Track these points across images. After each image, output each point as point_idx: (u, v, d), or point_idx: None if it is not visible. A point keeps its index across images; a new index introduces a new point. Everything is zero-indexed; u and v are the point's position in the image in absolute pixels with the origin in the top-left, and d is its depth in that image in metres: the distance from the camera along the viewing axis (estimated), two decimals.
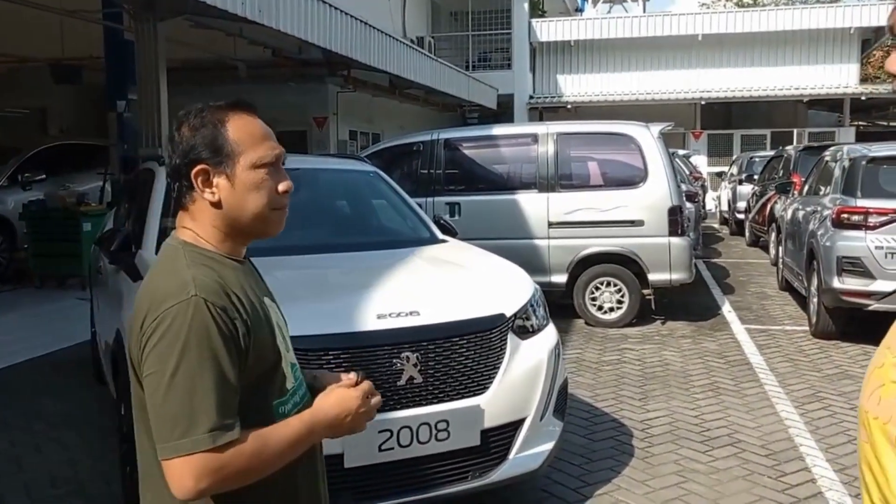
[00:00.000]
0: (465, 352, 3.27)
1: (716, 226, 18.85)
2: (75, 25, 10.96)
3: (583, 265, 7.80)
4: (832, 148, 8.68)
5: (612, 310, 7.83)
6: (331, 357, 3.05)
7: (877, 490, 1.19)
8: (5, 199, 10.64)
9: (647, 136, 7.71)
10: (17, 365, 6.41)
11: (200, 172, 1.48)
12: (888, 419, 1.16)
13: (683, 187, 9.06)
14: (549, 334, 3.71)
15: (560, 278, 7.82)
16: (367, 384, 1.60)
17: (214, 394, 1.36)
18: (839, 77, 22.20)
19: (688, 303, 8.81)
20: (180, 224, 1.55)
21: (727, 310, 8.64)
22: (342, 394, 1.55)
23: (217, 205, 1.50)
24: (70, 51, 12.45)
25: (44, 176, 11.05)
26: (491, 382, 3.31)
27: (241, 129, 1.51)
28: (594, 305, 7.86)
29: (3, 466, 4.33)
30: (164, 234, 4.17)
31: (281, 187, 1.55)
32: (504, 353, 3.38)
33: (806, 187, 9.06)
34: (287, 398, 1.54)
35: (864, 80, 24.07)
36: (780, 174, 12.46)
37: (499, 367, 3.35)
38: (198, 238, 1.51)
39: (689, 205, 8.94)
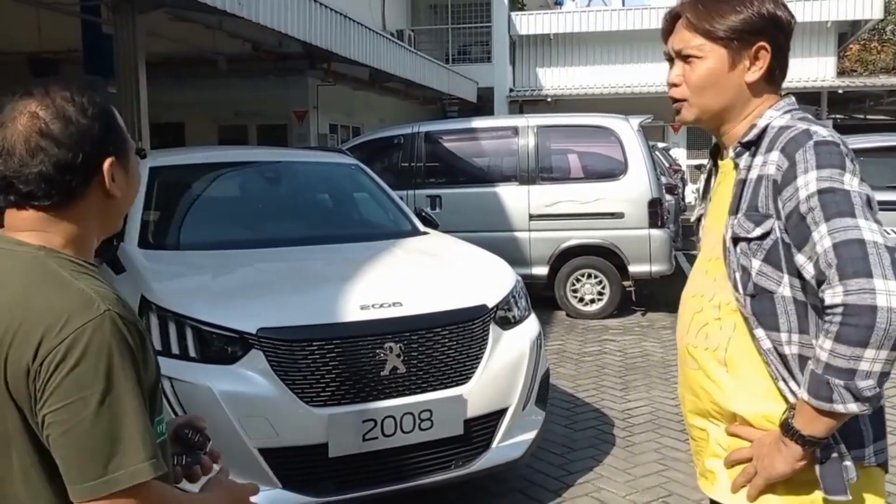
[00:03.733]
0: (447, 342, 3.30)
1: (692, 218, 18.99)
2: (53, 18, 10.84)
3: (564, 257, 7.86)
4: None
5: (592, 301, 7.90)
6: (315, 348, 3.07)
7: (710, 402, 1.63)
8: None
9: (627, 129, 7.76)
10: None
11: (112, 165, 1.29)
12: (717, 346, 1.61)
13: (663, 180, 9.14)
14: (531, 325, 3.74)
15: (541, 270, 7.87)
16: (254, 486, 1.48)
17: (142, 420, 1.19)
18: (816, 70, 22.44)
19: (667, 294, 8.89)
20: (23, 227, 1.27)
21: None
22: (240, 496, 1.43)
23: (113, 202, 1.32)
24: (48, 44, 12.32)
25: None
26: (474, 372, 3.35)
27: (119, 119, 1.36)
28: (575, 297, 7.92)
29: None
30: (146, 226, 4.16)
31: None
32: (486, 343, 3.42)
33: None
34: (163, 416, 1.37)
35: (841, 73, 24.37)
36: None
37: (481, 358, 3.38)
38: (53, 244, 1.27)
39: (668, 197, 9.02)
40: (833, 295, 1.37)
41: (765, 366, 1.54)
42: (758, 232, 1.52)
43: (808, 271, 1.44)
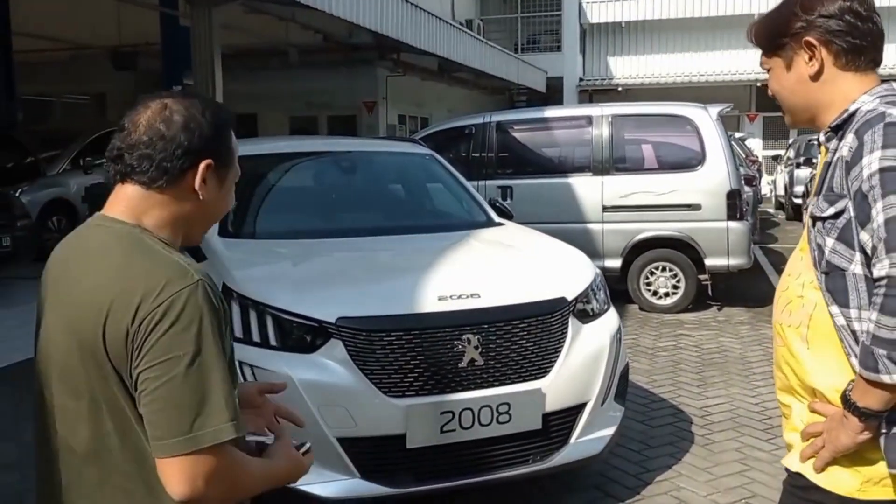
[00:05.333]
0: (526, 335, 3.24)
1: (771, 210, 18.43)
2: (132, 12, 11.15)
3: (637, 250, 7.69)
4: None
5: (667, 295, 7.72)
6: (393, 338, 3.05)
7: (794, 378, 1.68)
8: (68, 182, 10.90)
9: (706, 118, 7.54)
10: None
11: (208, 167, 1.41)
12: (799, 323, 1.66)
13: (742, 170, 8.86)
14: (611, 319, 3.66)
15: (614, 263, 7.72)
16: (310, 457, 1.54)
17: (228, 384, 1.28)
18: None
19: (744, 288, 8.64)
20: (121, 204, 1.40)
21: None
22: (297, 463, 1.49)
23: (199, 205, 1.43)
24: (127, 38, 12.69)
25: (104, 160, 11.28)
26: (552, 366, 3.28)
27: (234, 140, 1.49)
28: (649, 290, 7.75)
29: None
30: (226, 215, 4.21)
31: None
32: (565, 336, 3.35)
33: None
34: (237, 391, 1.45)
35: None
36: None
37: (560, 351, 3.32)
38: (146, 225, 1.39)
39: (746, 189, 8.74)
40: (880, 268, 1.46)
41: (840, 342, 1.59)
42: (830, 211, 1.57)
43: (870, 248, 1.50)
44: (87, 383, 1.31)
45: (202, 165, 1.39)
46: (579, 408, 3.37)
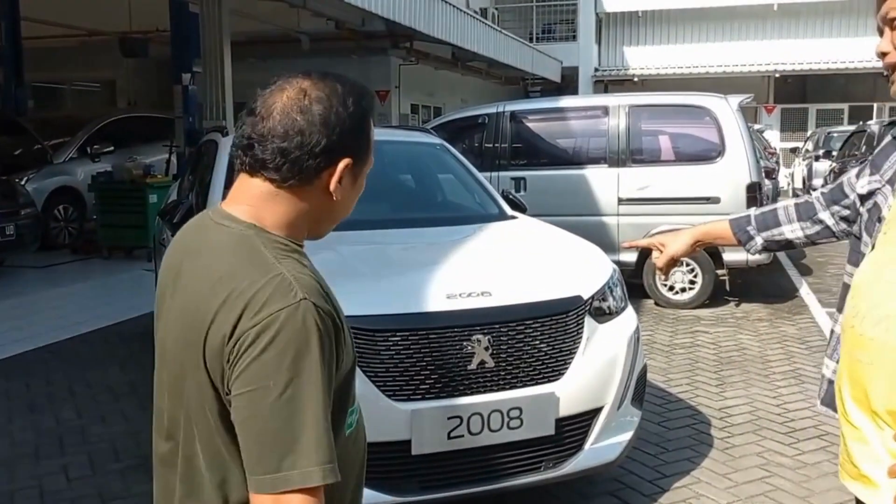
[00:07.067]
0: (539, 335, 3.07)
1: None
2: None
3: None
4: None
5: (683, 290, 7.52)
6: (398, 339, 2.89)
7: (881, 402, 1.46)
8: (75, 170, 10.80)
9: (726, 109, 7.33)
10: (84, 335, 6.47)
11: (347, 167, 1.26)
12: None
13: (762, 163, 8.63)
14: (629, 318, 3.48)
15: (630, 257, 7.52)
16: None
17: (323, 419, 1.14)
18: None
19: (763, 284, 8.43)
20: (243, 198, 1.28)
21: (805, 292, 8.24)
22: None
23: (330, 204, 1.29)
24: (137, 24, 12.56)
25: (112, 148, 11.18)
26: (567, 368, 3.11)
27: (373, 130, 1.34)
28: (665, 285, 7.56)
29: (69, 437, 4.33)
30: None
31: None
32: (581, 337, 3.17)
33: None
34: (356, 406, 1.37)
35: None
36: (863, 150, 11.85)
37: (575, 353, 3.14)
38: (264, 223, 1.27)
39: (766, 181, 8.52)
40: None
41: None
42: None
43: None
44: (189, 394, 1.23)
45: (341, 165, 1.26)
46: (595, 412, 3.20)
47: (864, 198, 1.73)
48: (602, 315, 3.34)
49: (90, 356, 5.91)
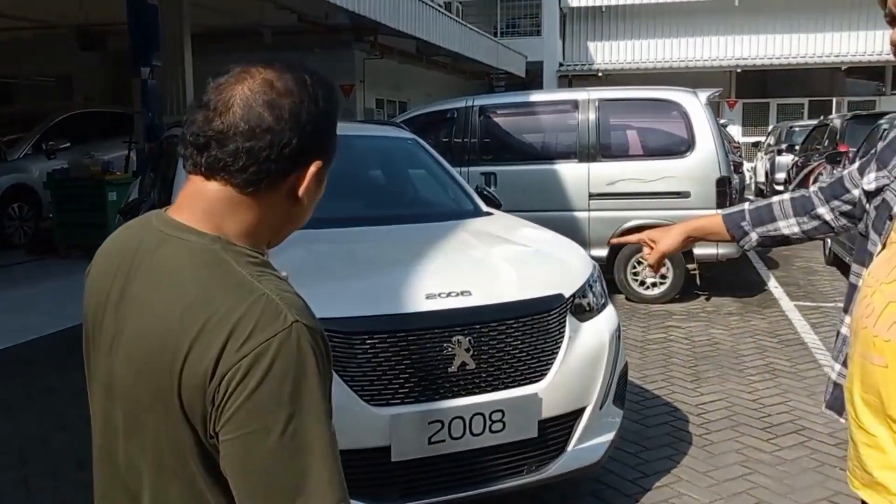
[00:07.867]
0: (521, 335, 2.98)
1: (751, 197, 18.36)
2: None
3: None
4: (888, 116, 8.24)
5: (654, 285, 7.51)
6: (376, 341, 2.78)
7: None
8: (30, 167, 10.47)
9: (695, 103, 7.32)
10: (44, 337, 6.24)
11: (318, 169, 1.12)
12: None
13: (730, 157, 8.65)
14: (609, 316, 3.41)
15: (600, 252, 7.46)
16: None
17: (331, 452, 1.02)
18: (880, 44, 21.42)
19: (731, 278, 8.46)
20: (199, 204, 1.10)
21: (773, 285, 8.28)
22: None
23: (296, 208, 1.15)
24: (94, 17, 12.21)
25: (68, 144, 10.86)
26: (549, 369, 3.03)
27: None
28: (636, 280, 7.54)
29: (29, 445, 4.14)
30: None
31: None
32: (563, 336, 3.09)
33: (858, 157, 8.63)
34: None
35: None
36: (825, 144, 11.98)
37: (557, 352, 3.06)
38: (227, 232, 1.10)
39: (734, 176, 8.55)
40: None
41: None
42: None
43: None
44: (155, 436, 1.06)
45: (313, 168, 1.11)
46: (577, 413, 3.12)
47: (871, 195, 1.65)
48: (583, 312, 3.27)
49: (50, 360, 5.69)
